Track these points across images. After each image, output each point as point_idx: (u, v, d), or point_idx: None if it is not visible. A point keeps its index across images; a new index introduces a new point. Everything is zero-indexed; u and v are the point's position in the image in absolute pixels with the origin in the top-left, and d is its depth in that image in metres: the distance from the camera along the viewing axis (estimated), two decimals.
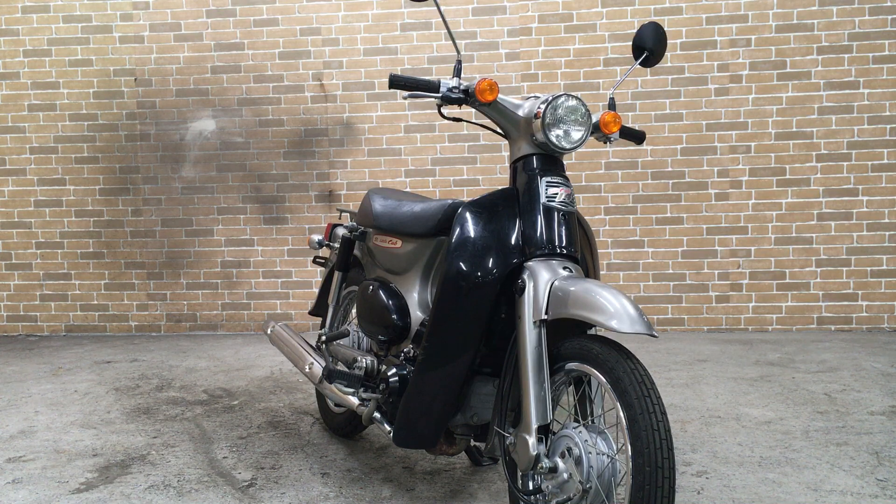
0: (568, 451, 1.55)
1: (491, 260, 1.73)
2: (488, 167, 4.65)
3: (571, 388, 1.71)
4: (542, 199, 1.72)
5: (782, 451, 2.43)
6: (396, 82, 1.76)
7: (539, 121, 1.70)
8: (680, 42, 4.44)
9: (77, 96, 4.87)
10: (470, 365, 1.79)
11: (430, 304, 2.02)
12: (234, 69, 4.77)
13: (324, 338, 2.55)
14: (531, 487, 1.63)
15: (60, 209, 4.93)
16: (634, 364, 1.48)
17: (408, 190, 4.52)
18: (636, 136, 2.04)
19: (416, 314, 2.07)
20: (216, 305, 4.88)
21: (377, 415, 2.09)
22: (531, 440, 1.58)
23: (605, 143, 1.90)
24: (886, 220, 4.40)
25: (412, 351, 2.00)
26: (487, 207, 1.79)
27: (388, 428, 2.03)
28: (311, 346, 2.55)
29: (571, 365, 1.62)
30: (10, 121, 4.91)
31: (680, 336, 4.42)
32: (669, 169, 4.51)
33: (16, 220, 4.96)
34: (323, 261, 2.81)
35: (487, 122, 4.37)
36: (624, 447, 1.44)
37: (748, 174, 4.47)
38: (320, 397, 2.81)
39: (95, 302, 4.95)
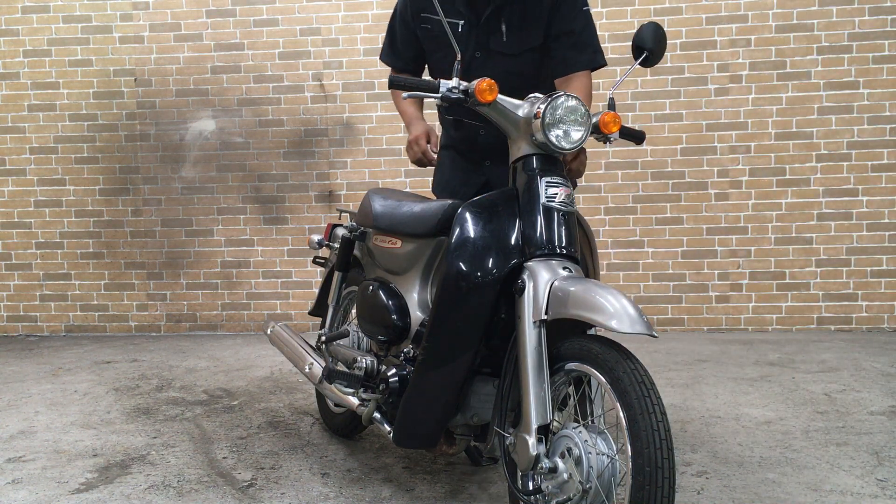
0: (568, 451, 1.55)
1: (491, 260, 1.73)
2: None
3: (571, 388, 1.71)
4: (542, 200, 1.72)
5: (782, 451, 2.43)
6: (396, 83, 1.76)
7: (539, 121, 1.70)
8: (680, 42, 4.44)
9: (77, 96, 4.87)
10: (470, 365, 1.79)
11: (430, 305, 2.02)
12: (234, 69, 4.77)
13: (324, 338, 2.55)
14: (531, 487, 1.63)
15: (60, 209, 4.93)
16: (634, 364, 1.48)
17: (408, 190, 4.52)
18: (636, 137, 2.04)
19: (416, 314, 2.07)
20: (216, 306, 4.88)
21: (377, 415, 2.09)
22: (531, 440, 1.58)
23: (605, 143, 1.90)
24: (886, 220, 4.40)
25: (412, 351, 2.00)
26: (487, 208, 1.79)
27: (388, 428, 2.03)
28: (311, 346, 2.55)
29: (571, 365, 1.62)
30: (10, 121, 4.91)
31: (680, 336, 4.42)
32: (669, 169, 4.51)
33: (16, 220, 4.96)
34: (323, 261, 2.81)
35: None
36: (624, 447, 1.44)
37: (748, 174, 4.47)
38: (320, 397, 2.81)
39: (95, 302, 4.95)
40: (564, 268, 1.67)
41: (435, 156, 2.27)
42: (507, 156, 1.86)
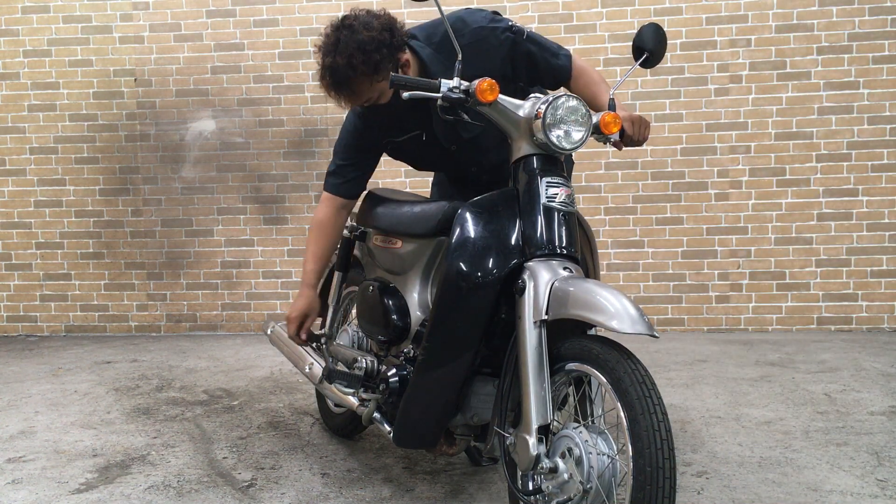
0: (568, 451, 1.55)
1: (491, 260, 1.73)
2: None
3: (571, 388, 1.71)
4: (543, 200, 1.72)
5: (782, 451, 2.43)
6: (397, 82, 1.75)
7: (539, 121, 1.69)
8: (680, 42, 4.44)
9: (77, 97, 4.87)
10: (470, 365, 1.79)
11: (430, 305, 2.02)
12: (234, 69, 4.77)
13: (323, 339, 2.55)
14: (531, 488, 1.63)
15: (60, 209, 4.93)
16: (635, 364, 1.48)
17: (408, 190, 4.52)
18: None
19: (416, 314, 2.07)
20: (216, 306, 4.88)
21: (377, 415, 2.09)
22: (531, 440, 1.58)
23: (605, 143, 1.90)
24: (886, 220, 4.40)
25: (412, 351, 2.00)
26: (487, 208, 1.79)
27: (388, 428, 2.03)
28: (310, 346, 2.55)
29: (572, 365, 1.62)
30: (10, 121, 4.91)
31: (680, 336, 4.42)
32: (669, 169, 4.51)
33: (16, 220, 4.96)
34: None
35: None
36: (624, 447, 1.44)
37: (748, 174, 4.47)
38: (320, 398, 2.81)
39: (95, 302, 4.95)
40: (565, 268, 1.67)
41: (304, 338, 2.35)
42: (504, 184, 1.87)
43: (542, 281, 1.63)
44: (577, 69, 2.15)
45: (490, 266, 1.72)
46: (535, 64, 2.12)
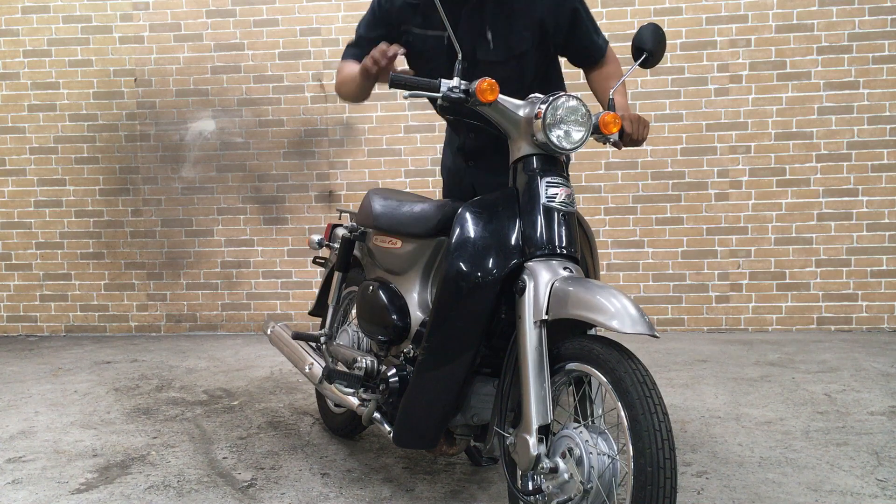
0: (569, 451, 1.55)
1: (491, 260, 1.73)
2: None
3: (571, 388, 1.71)
4: (542, 200, 1.72)
5: (782, 451, 2.43)
6: (397, 82, 1.76)
7: (539, 121, 1.69)
8: (680, 42, 4.44)
9: (77, 97, 4.87)
10: (470, 365, 1.79)
11: (430, 305, 2.02)
12: (234, 69, 4.76)
13: (323, 338, 2.55)
14: (531, 488, 1.63)
15: (60, 209, 4.93)
16: (636, 364, 1.48)
17: (408, 190, 4.52)
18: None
19: (416, 314, 2.07)
20: (216, 306, 4.88)
21: (377, 415, 2.09)
22: (532, 440, 1.58)
23: (605, 143, 1.90)
24: (886, 220, 4.40)
25: (412, 351, 2.00)
26: (487, 208, 1.79)
27: (388, 428, 2.03)
28: (311, 346, 2.55)
29: (572, 365, 1.62)
30: (10, 121, 4.91)
31: (680, 336, 4.42)
32: (669, 169, 4.51)
33: (16, 220, 4.96)
34: (323, 261, 2.81)
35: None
36: (625, 447, 1.44)
37: (748, 174, 4.47)
38: (320, 398, 2.81)
39: (95, 302, 4.95)
40: (565, 268, 1.67)
41: (395, 51, 2.05)
42: (491, 161, 1.85)
43: (543, 281, 1.64)
44: (608, 56, 2.22)
45: (490, 266, 1.72)
46: (575, 27, 2.13)
